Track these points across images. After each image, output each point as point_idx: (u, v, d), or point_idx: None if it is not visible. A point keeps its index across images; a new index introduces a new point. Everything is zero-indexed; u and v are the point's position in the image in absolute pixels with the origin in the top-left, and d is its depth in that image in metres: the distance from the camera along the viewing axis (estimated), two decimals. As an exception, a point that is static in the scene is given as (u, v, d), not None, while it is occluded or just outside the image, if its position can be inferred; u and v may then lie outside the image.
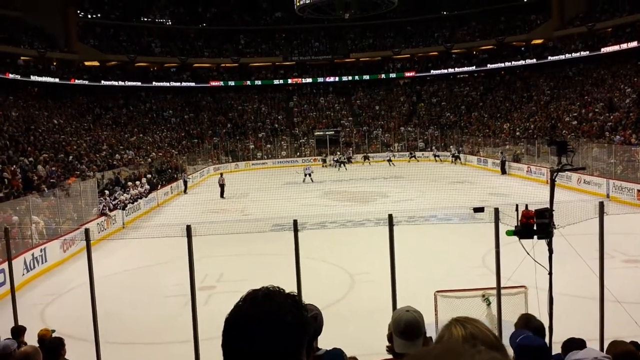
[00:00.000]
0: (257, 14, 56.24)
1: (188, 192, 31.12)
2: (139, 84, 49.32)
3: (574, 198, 16.35)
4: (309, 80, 55.05)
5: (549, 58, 47.13)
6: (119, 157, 31.91)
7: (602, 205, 7.19)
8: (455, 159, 39.70)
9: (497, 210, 7.24)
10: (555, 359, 4.09)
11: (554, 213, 6.61)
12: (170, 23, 54.68)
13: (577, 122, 35.57)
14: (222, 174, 29.02)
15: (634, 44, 39.47)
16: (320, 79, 55.06)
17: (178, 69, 52.53)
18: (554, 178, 7.00)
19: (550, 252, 6.70)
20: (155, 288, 12.37)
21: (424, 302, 5.92)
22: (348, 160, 41.04)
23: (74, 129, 34.93)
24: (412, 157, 42.64)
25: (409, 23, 55.77)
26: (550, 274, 6.67)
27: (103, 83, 46.46)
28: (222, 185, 27.91)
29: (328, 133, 48.51)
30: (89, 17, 50.29)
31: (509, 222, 7.01)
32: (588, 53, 43.77)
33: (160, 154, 38.03)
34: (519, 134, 38.87)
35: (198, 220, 14.61)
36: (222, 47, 54.43)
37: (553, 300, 6.66)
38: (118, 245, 16.95)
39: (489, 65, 51.33)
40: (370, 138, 48.24)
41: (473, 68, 52.53)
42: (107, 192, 21.54)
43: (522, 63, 49.44)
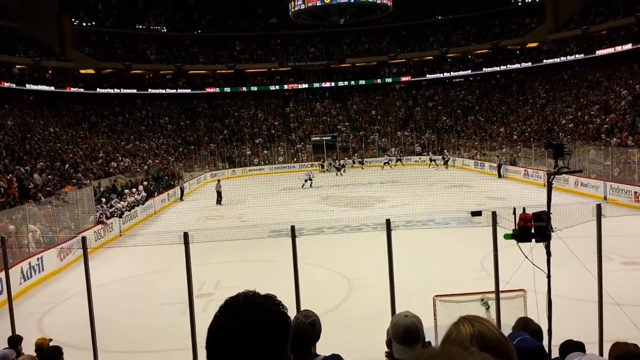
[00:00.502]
0: (252, 20, 56.36)
1: (185, 199, 31.03)
2: (135, 92, 49.28)
3: (572, 201, 16.36)
4: (305, 86, 55.15)
5: (544, 61, 47.30)
6: (116, 164, 31.86)
7: (599, 208, 7.19)
8: (445, 163, 39.50)
9: (494, 214, 7.24)
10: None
11: (552, 216, 6.60)
12: (166, 30, 54.72)
13: (573, 124, 35.67)
14: (219, 181, 28.98)
15: (629, 46, 39.63)
16: (317, 85, 55.16)
17: (174, 76, 52.55)
18: (551, 181, 6.99)
19: (549, 255, 6.68)
20: (153, 296, 12.32)
21: (423, 306, 5.91)
22: (342, 166, 40.88)
23: (70, 137, 34.87)
24: (398, 161, 42.78)
25: (404, 28, 55.94)
26: (549, 277, 6.65)
27: (99, 91, 46.40)
28: (219, 192, 27.81)
29: (325, 138, 48.54)
30: (84, 25, 50.23)
31: (507, 225, 6.99)
32: (583, 56, 43.91)
33: (157, 161, 37.98)
34: (516, 137, 38.96)
35: (195, 227, 14.57)
36: (217, 53, 54.50)
37: (552, 304, 6.65)
38: (115, 253, 16.90)
39: (485, 69, 51.51)
40: (367, 143, 48.29)
41: (469, 72, 52.69)
42: (103, 200, 21.48)
43: (517, 66, 49.60)
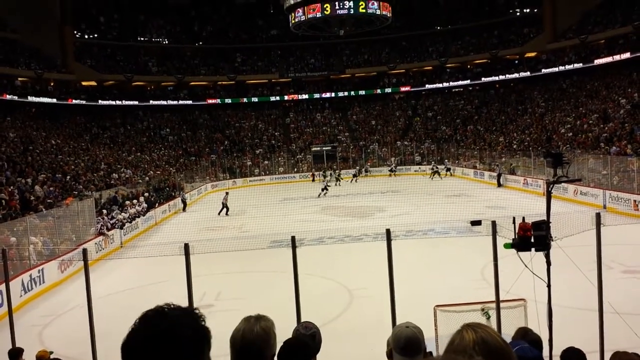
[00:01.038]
0: (252, 32, 56.66)
1: (187, 210, 31.01)
2: (136, 103, 49.52)
3: (571, 209, 16.39)
4: (305, 97, 55.35)
5: (543, 71, 47.49)
6: (117, 176, 31.92)
7: (599, 217, 7.21)
8: (433, 174, 39.13)
9: (494, 223, 7.27)
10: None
11: (551, 225, 6.63)
12: (167, 42, 55.01)
13: (572, 133, 35.74)
14: (227, 193, 28.60)
15: (627, 55, 39.81)
16: (317, 95, 55.38)
17: (175, 88, 52.78)
18: (550, 190, 7.02)
19: (548, 264, 6.70)
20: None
21: (423, 316, 5.92)
22: (338, 176, 40.76)
23: (72, 149, 34.97)
24: (391, 172, 42.71)
25: (404, 38, 56.22)
26: (549, 286, 6.66)
27: (100, 103, 46.61)
28: (224, 204, 27.57)
29: (325, 148, 48.67)
30: (86, 37, 50.55)
31: (507, 234, 7.02)
32: (581, 65, 44.11)
33: (158, 172, 38.04)
34: (515, 147, 39.02)
35: (196, 238, 14.58)
36: (218, 65, 54.76)
37: (552, 313, 6.66)
38: (116, 265, 16.90)
39: (484, 79, 51.72)
40: (367, 153, 48.38)
41: (468, 82, 52.88)
42: (104, 211, 21.51)
43: (516, 76, 49.81)
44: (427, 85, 54.26)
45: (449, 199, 25.88)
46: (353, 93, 55.42)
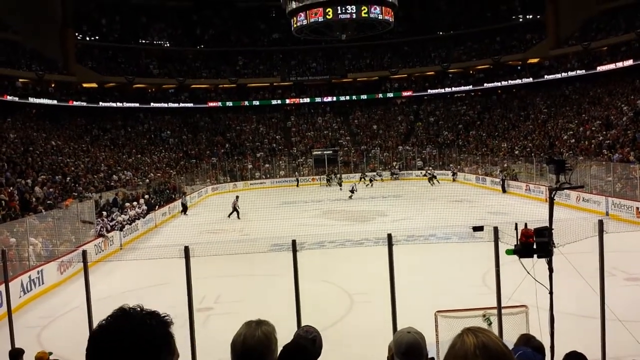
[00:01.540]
0: (254, 36, 56.74)
1: (187, 213, 30.76)
2: (137, 105, 49.50)
3: (573, 216, 16.31)
4: (307, 100, 55.36)
5: (546, 77, 47.50)
6: (117, 178, 31.89)
7: (601, 224, 7.18)
8: (430, 179, 38.59)
9: (496, 229, 7.23)
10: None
11: (554, 231, 6.59)
12: (168, 45, 55.08)
13: (574, 140, 35.70)
14: (237, 197, 28.11)
15: (630, 62, 39.81)
16: (318, 99, 55.38)
17: (176, 90, 52.82)
18: (553, 196, 6.99)
19: (551, 270, 6.66)
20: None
21: (425, 322, 5.86)
22: (340, 181, 40.52)
23: (72, 150, 34.96)
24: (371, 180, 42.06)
25: (406, 43, 56.26)
26: (551, 293, 6.62)
27: (101, 104, 46.60)
28: (235, 208, 27.29)
29: (326, 152, 48.66)
30: (87, 39, 50.60)
31: (509, 241, 6.98)
32: (584, 72, 44.12)
33: (159, 175, 38.02)
34: (517, 153, 38.99)
35: (196, 241, 14.53)
36: (219, 68, 54.81)
37: (554, 320, 6.61)
38: (115, 267, 16.86)
39: (486, 85, 51.72)
40: (369, 157, 48.35)
41: (470, 87, 52.90)
42: (104, 213, 21.47)
43: (518, 82, 49.79)
44: (429, 90, 54.25)
45: (451, 205, 25.82)
46: (355, 97, 55.37)
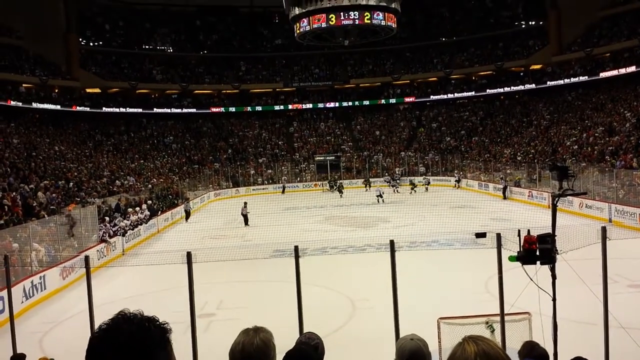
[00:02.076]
0: (257, 41, 56.92)
1: (189, 220, 30.46)
2: (140, 111, 49.64)
3: (576, 222, 16.28)
4: (310, 106, 55.41)
5: (548, 83, 47.47)
6: (120, 183, 31.92)
7: (604, 230, 7.15)
8: (413, 188, 37.63)
9: (499, 236, 7.21)
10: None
11: (557, 238, 6.57)
12: (172, 50, 55.24)
13: (577, 146, 35.66)
14: (245, 203, 27.57)
15: (633, 69, 39.77)
16: (321, 105, 55.43)
17: (179, 96, 52.95)
18: (556, 203, 6.97)
19: (554, 277, 6.64)
20: (155, 315, 12.19)
21: (427, 328, 5.84)
22: (340, 188, 40.14)
23: (75, 156, 35.03)
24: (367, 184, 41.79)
25: (408, 49, 56.34)
26: (554, 300, 6.60)
27: (104, 110, 46.74)
28: (245, 215, 26.91)
29: (328, 158, 48.66)
30: (91, 44, 50.82)
31: (512, 247, 6.96)
32: (587, 78, 44.09)
33: (161, 180, 38.06)
34: (520, 159, 38.94)
35: (198, 247, 14.55)
36: (222, 73, 54.95)
37: (557, 327, 6.58)
38: (117, 272, 16.86)
39: (488, 91, 51.69)
40: (371, 163, 48.34)
41: (472, 93, 52.90)
42: (107, 218, 21.49)
43: (521, 88, 49.78)
44: (431, 96, 54.27)
45: (454, 211, 25.79)
46: (357, 103, 55.44)
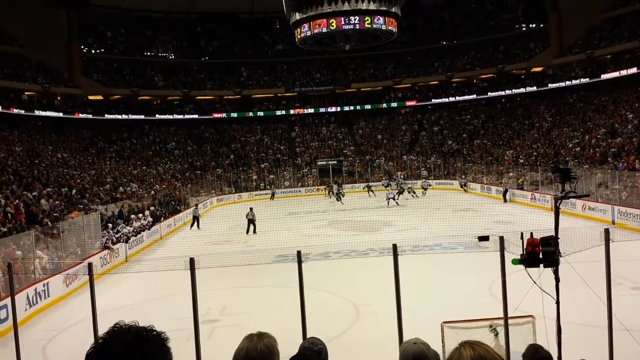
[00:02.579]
0: (258, 47, 57.05)
1: (192, 225, 30.16)
2: (143, 117, 49.78)
3: (579, 225, 16.25)
4: (311, 111, 55.51)
5: (550, 85, 47.45)
6: (123, 190, 31.97)
7: (607, 232, 7.15)
8: (399, 193, 36.16)
9: (502, 239, 7.20)
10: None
11: (560, 241, 6.56)
12: (173, 57, 55.40)
13: (579, 148, 35.62)
14: (251, 209, 26.68)
15: (634, 70, 39.74)
16: (322, 109, 55.51)
17: (181, 102, 53.07)
18: (559, 205, 6.97)
19: (557, 280, 6.62)
20: (158, 322, 12.10)
21: (431, 333, 5.83)
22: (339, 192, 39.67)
23: (78, 163, 35.11)
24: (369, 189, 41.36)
25: (409, 53, 56.40)
26: (558, 303, 6.58)
27: (107, 117, 46.88)
28: (251, 221, 26.07)
29: (331, 162, 48.70)
30: (93, 52, 51.03)
31: (515, 250, 6.95)
32: (588, 80, 44.06)
33: (164, 186, 38.10)
34: (522, 161, 38.91)
35: (201, 253, 14.55)
36: (224, 79, 55.08)
37: (561, 330, 6.57)
38: (121, 279, 16.86)
39: (490, 94, 51.71)
40: (373, 167, 48.36)
41: (474, 96, 52.89)
42: (110, 225, 21.51)
43: (522, 91, 49.78)
44: (433, 100, 54.30)
45: (456, 214, 25.77)
46: (359, 107, 55.48)
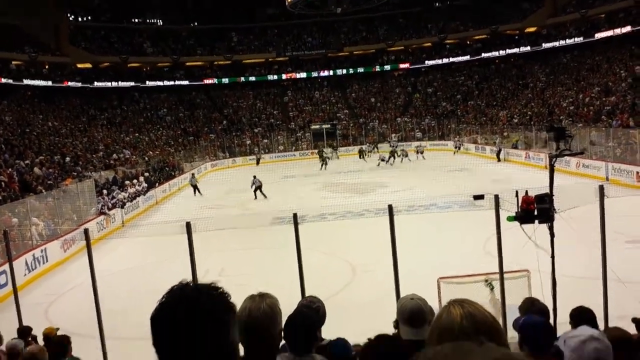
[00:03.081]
0: (249, 11, 56.05)
1: (184, 190, 30.02)
2: (133, 84, 49.19)
3: (574, 182, 16.36)
4: (304, 75, 54.97)
5: (543, 45, 47.14)
6: (116, 157, 31.84)
7: (602, 189, 7.19)
8: (391, 156, 35.07)
9: (497, 197, 7.23)
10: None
11: (554, 198, 6.61)
12: (162, 23, 54.47)
13: (574, 107, 35.60)
14: (255, 177, 25.35)
15: (628, 29, 39.50)
16: (315, 74, 54.95)
17: (171, 68, 52.40)
18: (553, 163, 6.99)
19: (552, 235, 6.70)
20: (156, 284, 12.17)
21: (427, 289, 5.89)
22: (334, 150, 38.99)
23: (69, 131, 34.85)
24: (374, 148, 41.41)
25: (402, 15, 55.66)
26: (553, 257, 6.67)
27: (96, 84, 46.33)
28: (258, 187, 24.90)
29: (324, 126, 48.52)
30: (80, 20, 50.05)
31: (510, 208, 7.00)
32: (582, 39, 43.79)
33: (157, 153, 37.95)
34: (517, 121, 38.90)
35: (197, 216, 14.59)
36: (214, 45, 54.29)
37: (556, 282, 6.67)
38: (118, 243, 16.93)
39: (484, 55, 51.35)
40: (367, 130, 48.23)
41: (467, 58, 52.49)
42: (105, 191, 21.49)
43: (516, 51, 49.44)
44: (426, 62, 53.89)
45: (451, 174, 25.87)
46: (352, 71, 55.01)
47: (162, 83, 50.94)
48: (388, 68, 54.98)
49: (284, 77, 54.89)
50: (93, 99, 45.61)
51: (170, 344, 1.20)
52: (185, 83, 52.02)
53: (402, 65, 54.64)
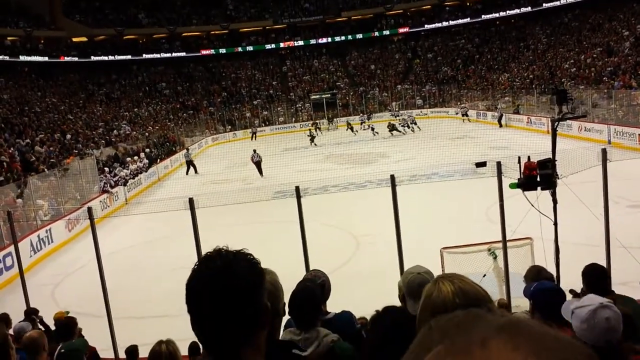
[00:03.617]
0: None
1: (187, 171, 29.24)
2: (129, 57, 48.68)
3: (576, 146, 16.25)
4: (301, 43, 54.28)
5: (544, 5, 46.33)
6: (117, 132, 31.74)
7: (604, 152, 7.12)
8: (392, 130, 34.07)
9: (499, 164, 7.18)
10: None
11: (557, 163, 6.56)
12: (156, -8, 53.57)
13: (575, 69, 35.18)
14: (255, 151, 24.72)
15: (631, -15, 38.67)
16: (313, 41, 54.23)
17: (167, 39, 51.79)
18: (555, 127, 6.92)
19: (555, 202, 6.68)
20: (162, 262, 12.39)
21: (430, 259, 5.92)
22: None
23: (68, 107, 34.67)
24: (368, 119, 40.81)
25: (400, -23, 54.64)
26: (556, 224, 6.66)
27: (93, 59, 45.90)
28: (257, 163, 24.23)
29: (324, 96, 48.09)
30: (73, -9, 49.27)
31: (512, 175, 6.95)
32: (583, -4, 43.01)
33: (157, 128, 37.80)
34: (518, 84, 38.52)
35: (200, 192, 14.60)
36: (209, 13, 53.45)
37: (559, 250, 6.68)
38: (122, 221, 16.99)
39: (484, 16, 50.53)
40: (367, 98, 47.85)
41: (467, 20, 51.71)
42: (107, 169, 21.48)
43: (516, 12, 48.65)
44: (426, 26, 53.12)
45: (452, 142, 25.74)
46: (350, 37, 54.28)
47: (159, 55, 50.40)
48: (387, 33, 54.21)
49: (282, 45, 54.21)
50: (90, 74, 45.23)
51: (209, 308, 1.23)
52: (183, 55, 51.45)
53: (401, 30, 53.89)
